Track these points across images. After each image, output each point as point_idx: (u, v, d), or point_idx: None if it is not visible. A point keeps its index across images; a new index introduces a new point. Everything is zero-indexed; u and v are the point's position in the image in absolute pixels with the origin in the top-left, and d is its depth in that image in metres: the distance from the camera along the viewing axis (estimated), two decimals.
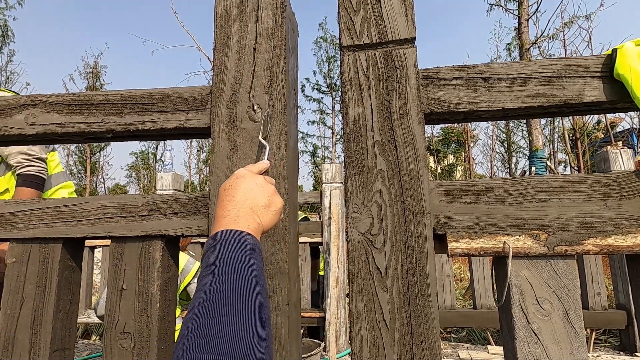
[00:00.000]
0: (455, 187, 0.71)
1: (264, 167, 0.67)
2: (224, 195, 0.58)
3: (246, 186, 0.59)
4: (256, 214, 0.57)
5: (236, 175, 0.61)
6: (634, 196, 0.66)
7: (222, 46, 0.79)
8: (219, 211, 0.56)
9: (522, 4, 7.68)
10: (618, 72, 0.68)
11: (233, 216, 0.54)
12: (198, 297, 0.43)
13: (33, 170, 1.70)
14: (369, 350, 0.65)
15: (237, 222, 0.54)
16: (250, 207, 0.56)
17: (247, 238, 0.51)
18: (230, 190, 0.58)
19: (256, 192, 0.59)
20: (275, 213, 0.60)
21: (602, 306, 3.21)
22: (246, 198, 0.57)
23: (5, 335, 0.78)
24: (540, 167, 6.83)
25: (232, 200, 0.57)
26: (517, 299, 0.66)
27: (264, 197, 0.59)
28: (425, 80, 0.74)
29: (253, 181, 0.60)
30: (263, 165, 0.67)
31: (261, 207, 0.58)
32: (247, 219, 0.55)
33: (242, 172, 0.62)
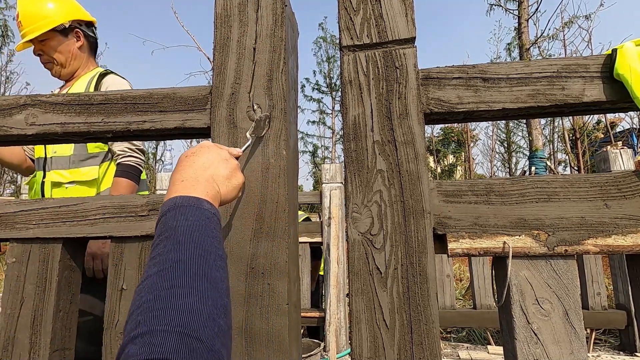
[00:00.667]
0: (455, 187, 0.71)
1: (235, 153, 0.65)
2: (184, 161, 0.56)
3: (209, 156, 0.57)
4: (216, 182, 0.55)
5: (202, 144, 0.60)
6: (634, 196, 0.66)
7: (222, 46, 0.79)
8: (176, 175, 0.54)
9: (522, 4, 7.69)
10: (618, 72, 0.68)
11: (191, 181, 0.52)
12: (153, 266, 0.41)
13: (134, 162, 1.65)
14: (369, 350, 0.65)
15: (195, 188, 0.51)
16: (210, 175, 0.55)
17: (205, 206, 0.49)
18: (192, 157, 0.56)
19: (219, 162, 0.57)
20: (235, 187, 0.58)
21: (602, 306, 3.21)
22: (207, 166, 0.55)
23: (5, 335, 0.78)
24: (540, 167, 6.83)
25: (192, 165, 0.55)
26: (517, 299, 0.66)
27: (227, 169, 0.57)
28: (425, 80, 0.74)
29: (217, 152, 0.58)
30: (234, 151, 0.66)
31: (222, 177, 0.56)
32: (205, 185, 0.52)
33: (208, 143, 0.60)
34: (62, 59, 1.74)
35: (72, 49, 1.74)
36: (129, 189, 1.60)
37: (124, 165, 1.63)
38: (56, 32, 1.70)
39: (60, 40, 1.72)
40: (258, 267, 0.70)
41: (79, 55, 1.77)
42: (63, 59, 1.74)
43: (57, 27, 1.68)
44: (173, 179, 0.53)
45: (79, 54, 1.77)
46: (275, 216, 0.71)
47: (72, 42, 1.75)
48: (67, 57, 1.74)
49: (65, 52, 1.73)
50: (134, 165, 1.64)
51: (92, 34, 1.84)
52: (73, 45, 1.75)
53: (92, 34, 1.83)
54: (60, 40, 1.72)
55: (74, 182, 1.61)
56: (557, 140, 12.97)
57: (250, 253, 0.70)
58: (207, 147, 0.59)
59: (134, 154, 1.66)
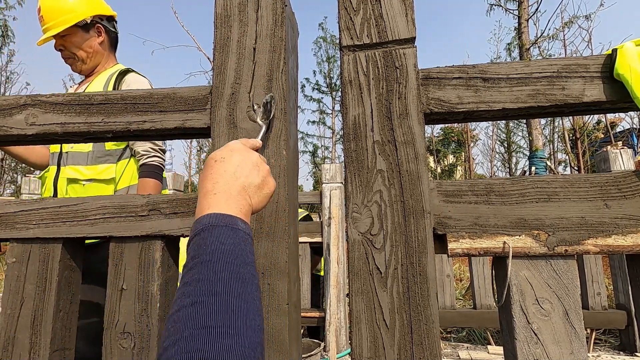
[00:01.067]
0: (455, 187, 0.71)
1: (256, 145, 0.63)
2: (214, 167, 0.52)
3: (240, 162, 0.54)
4: (248, 194, 0.52)
5: (230, 147, 0.56)
6: (634, 196, 0.66)
7: (222, 46, 0.79)
8: (207, 184, 0.51)
9: (522, 4, 7.69)
10: (618, 72, 0.68)
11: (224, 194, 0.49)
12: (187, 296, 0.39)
13: (157, 162, 1.66)
14: (369, 350, 0.65)
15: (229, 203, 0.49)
16: (242, 186, 0.52)
17: (240, 225, 0.47)
18: (223, 164, 0.53)
19: (251, 170, 0.54)
20: (267, 196, 0.56)
21: (602, 306, 3.21)
22: (239, 175, 0.52)
23: (5, 335, 0.78)
24: (540, 167, 6.83)
25: (223, 175, 0.51)
26: (517, 299, 0.66)
27: (258, 177, 0.54)
28: (425, 80, 0.74)
29: (248, 157, 0.55)
30: (256, 143, 0.63)
31: (254, 187, 0.53)
32: (238, 200, 0.50)
33: (237, 146, 0.57)
34: (83, 55, 1.71)
35: (93, 44, 1.72)
36: (156, 188, 1.61)
37: (150, 165, 1.63)
38: (78, 27, 1.68)
39: (82, 35, 1.70)
40: (258, 267, 0.70)
41: (100, 51, 1.75)
42: (84, 55, 1.72)
43: (79, 22, 1.66)
44: (204, 188, 0.51)
45: (100, 50, 1.75)
46: (275, 216, 0.71)
47: (93, 37, 1.72)
48: (88, 53, 1.72)
49: (86, 48, 1.71)
50: (158, 166, 1.65)
51: (113, 28, 1.81)
52: (94, 40, 1.72)
53: (113, 29, 1.80)
54: (82, 36, 1.70)
55: (92, 180, 1.60)
56: (557, 140, 12.97)
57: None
58: (237, 151, 0.55)
59: (157, 154, 1.66)
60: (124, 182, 1.65)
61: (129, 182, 1.66)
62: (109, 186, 1.62)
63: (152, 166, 1.63)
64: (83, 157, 1.62)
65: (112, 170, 1.62)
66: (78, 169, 1.61)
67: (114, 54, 1.84)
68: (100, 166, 1.61)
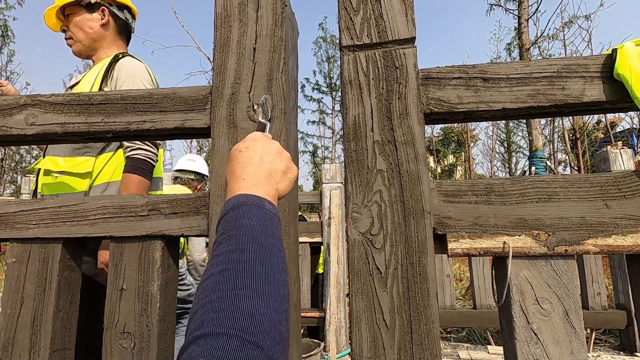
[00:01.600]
0: (455, 187, 0.71)
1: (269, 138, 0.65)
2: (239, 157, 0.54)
3: (264, 150, 0.56)
4: (274, 179, 0.54)
5: (252, 138, 0.58)
6: (634, 196, 0.66)
7: (222, 46, 0.79)
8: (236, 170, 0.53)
9: (522, 4, 7.69)
10: (618, 72, 0.68)
11: (252, 179, 0.51)
12: (216, 265, 0.41)
13: (143, 155, 1.47)
14: (369, 350, 0.65)
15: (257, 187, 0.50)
16: (269, 171, 0.53)
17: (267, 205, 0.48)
18: (247, 153, 0.55)
19: (274, 156, 0.56)
20: (291, 180, 0.57)
21: (602, 306, 3.21)
22: (265, 162, 0.54)
23: (5, 335, 0.78)
24: (540, 167, 6.83)
25: (250, 162, 0.53)
26: (517, 299, 0.66)
27: (282, 163, 0.56)
28: (425, 80, 0.74)
29: (270, 145, 0.57)
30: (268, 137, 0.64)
31: (279, 172, 0.55)
32: (265, 185, 0.51)
33: (258, 136, 0.58)
34: (81, 35, 1.63)
35: (93, 25, 1.63)
36: (139, 186, 1.44)
37: (133, 159, 1.46)
38: (82, 7, 1.61)
39: (85, 16, 1.62)
40: None
41: (101, 34, 1.65)
42: (82, 36, 1.63)
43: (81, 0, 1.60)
44: (233, 175, 0.53)
45: (101, 33, 1.65)
46: None
47: (95, 18, 1.64)
48: (87, 33, 1.63)
49: (86, 28, 1.62)
50: (144, 159, 1.47)
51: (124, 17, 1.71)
52: (96, 22, 1.63)
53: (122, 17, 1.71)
54: (85, 16, 1.62)
55: (65, 173, 1.47)
56: (557, 140, 12.98)
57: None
58: (259, 140, 0.57)
59: (144, 146, 1.49)
60: (104, 177, 1.49)
61: (110, 177, 1.50)
62: (83, 180, 1.47)
63: (135, 160, 1.46)
64: (63, 148, 1.51)
65: (89, 164, 1.48)
66: (55, 160, 1.49)
67: (122, 42, 1.73)
68: (77, 158, 1.48)
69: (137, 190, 1.44)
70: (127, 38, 1.78)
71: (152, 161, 1.51)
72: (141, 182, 1.45)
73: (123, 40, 1.74)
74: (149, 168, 1.49)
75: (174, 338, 0.81)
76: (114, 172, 1.52)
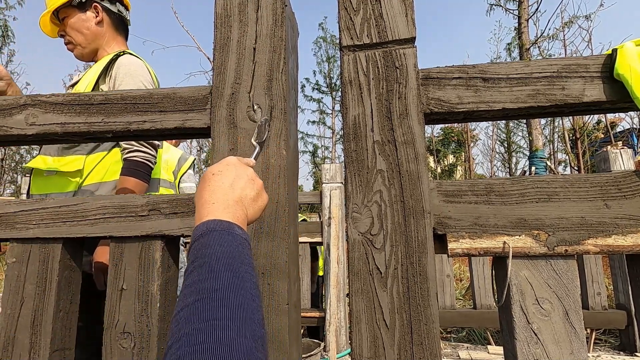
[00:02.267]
0: (455, 187, 0.71)
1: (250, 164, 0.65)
2: (211, 180, 0.55)
3: (236, 175, 0.56)
4: (244, 204, 0.54)
5: (226, 162, 0.59)
6: (634, 196, 0.66)
7: (222, 46, 0.79)
8: (205, 195, 0.53)
9: (522, 4, 7.69)
10: (618, 72, 0.68)
11: (222, 203, 0.52)
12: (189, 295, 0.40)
13: (141, 157, 1.43)
14: (369, 350, 0.65)
15: (226, 211, 0.51)
16: (239, 197, 0.54)
17: (237, 231, 0.49)
18: (220, 176, 0.55)
19: (246, 183, 0.57)
20: (260, 209, 0.58)
21: (602, 306, 3.21)
22: (236, 187, 0.55)
23: (5, 335, 0.78)
24: (540, 167, 6.83)
25: (220, 186, 0.54)
26: (517, 299, 0.66)
27: (253, 190, 0.57)
28: (425, 80, 0.74)
29: (244, 171, 0.58)
30: (250, 162, 0.65)
31: (249, 199, 0.56)
32: (235, 209, 0.52)
33: (233, 160, 0.59)
34: (80, 38, 1.59)
35: (89, 25, 1.58)
36: (136, 189, 1.41)
37: (130, 161, 1.43)
38: (74, 8, 1.57)
39: (79, 16, 1.58)
40: (258, 267, 0.70)
41: (98, 32, 1.61)
42: (80, 38, 1.59)
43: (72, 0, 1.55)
44: (202, 199, 0.53)
45: (98, 31, 1.60)
46: (275, 216, 0.71)
47: (90, 17, 1.59)
48: (84, 34, 1.59)
49: (82, 29, 1.58)
50: (142, 162, 1.44)
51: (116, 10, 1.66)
52: (91, 21, 1.59)
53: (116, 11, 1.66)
54: (79, 17, 1.58)
55: (54, 171, 1.43)
56: (557, 140, 12.98)
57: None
58: (233, 165, 0.58)
59: (142, 148, 1.45)
60: (95, 177, 1.45)
61: (102, 178, 1.46)
62: (73, 180, 1.43)
63: (133, 162, 1.42)
64: (54, 147, 1.48)
65: (79, 162, 1.44)
66: (45, 159, 1.46)
67: (121, 37, 1.69)
68: (67, 157, 1.44)
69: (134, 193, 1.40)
70: (125, 32, 1.74)
71: (150, 164, 1.48)
72: (138, 185, 1.42)
73: (121, 35, 1.71)
74: (147, 171, 1.47)
75: None
76: (107, 172, 1.49)
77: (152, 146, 1.49)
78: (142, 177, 1.44)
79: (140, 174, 1.43)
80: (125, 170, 1.42)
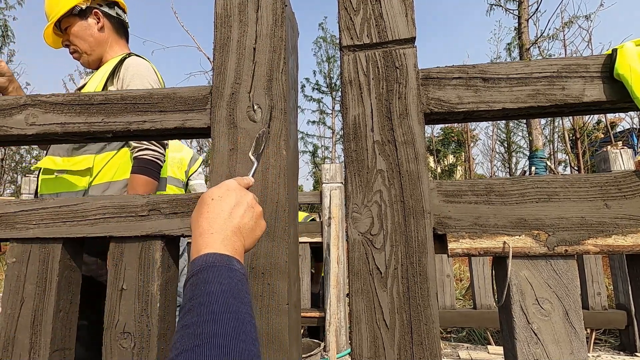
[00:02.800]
0: (455, 187, 0.71)
1: (250, 183, 0.65)
2: (211, 205, 0.54)
3: (237, 202, 0.55)
4: (242, 235, 0.53)
5: (227, 186, 0.57)
6: (634, 196, 0.66)
7: (222, 46, 0.79)
8: (204, 223, 0.52)
9: (522, 4, 7.69)
10: (618, 72, 0.68)
11: (220, 233, 0.51)
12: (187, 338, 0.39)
13: (151, 155, 1.46)
14: (369, 350, 0.65)
15: (225, 243, 0.50)
16: (238, 226, 0.53)
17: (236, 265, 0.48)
18: (220, 202, 0.54)
19: (245, 211, 0.55)
20: (257, 238, 0.58)
21: (602, 306, 3.21)
22: (235, 215, 0.54)
23: (5, 335, 0.78)
24: (540, 167, 6.83)
25: (220, 214, 0.53)
26: (517, 299, 0.66)
27: (252, 218, 0.56)
28: (425, 80, 0.74)
29: (244, 198, 0.57)
30: (250, 182, 0.65)
31: (248, 229, 0.55)
32: (234, 240, 0.51)
33: (233, 185, 0.58)
34: (84, 45, 1.61)
35: (92, 32, 1.61)
36: (146, 186, 1.43)
37: (141, 159, 1.45)
38: (75, 16, 1.59)
39: (81, 24, 1.60)
40: (258, 267, 0.70)
41: (101, 38, 1.63)
42: (86, 46, 1.61)
43: (73, 9, 1.57)
44: (200, 228, 0.52)
45: (101, 37, 1.63)
46: (275, 216, 0.71)
47: (91, 24, 1.61)
48: (89, 42, 1.61)
49: (86, 37, 1.60)
50: (152, 160, 1.46)
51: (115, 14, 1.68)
52: (93, 28, 1.61)
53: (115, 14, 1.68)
54: (81, 25, 1.60)
55: (65, 171, 1.46)
56: (557, 140, 12.98)
57: (250, 253, 0.70)
58: (233, 191, 0.57)
59: (151, 146, 1.48)
60: (105, 176, 1.48)
61: (111, 177, 1.49)
62: (83, 178, 1.46)
63: (143, 160, 1.45)
64: (63, 148, 1.51)
65: (89, 160, 1.47)
66: (54, 159, 1.49)
67: (122, 40, 1.71)
68: (77, 157, 1.48)
69: (144, 191, 1.43)
70: (125, 34, 1.76)
71: (160, 162, 1.50)
72: (149, 183, 1.44)
73: (122, 38, 1.73)
74: (157, 169, 1.49)
75: None
76: (116, 171, 1.51)
77: (161, 145, 1.51)
78: (153, 174, 1.46)
79: (151, 171, 1.45)
80: (136, 168, 1.45)
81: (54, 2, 1.61)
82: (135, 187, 1.43)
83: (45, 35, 1.67)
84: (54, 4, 1.61)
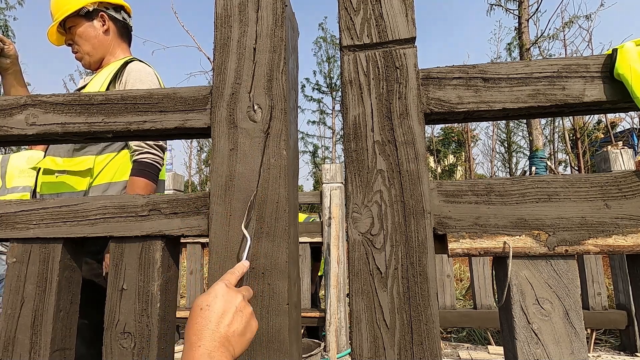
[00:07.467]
0: (456, 187, 0.71)
1: (243, 272, 0.65)
2: (199, 316, 0.55)
3: (224, 309, 0.56)
4: (231, 343, 0.55)
5: (214, 293, 0.58)
6: (635, 196, 0.66)
7: (222, 46, 0.79)
8: (192, 336, 0.54)
9: (522, 4, 7.69)
10: (618, 72, 0.68)
11: (208, 347, 0.52)
12: None
13: (151, 159, 1.49)
14: (369, 350, 0.65)
15: (212, 356, 0.51)
16: (226, 336, 0.54)
17: None
18: (207, 312, 0.55)
19: (235, 317, 0.56)
20: (248, 341, 0.58)
21: (603, 306, 3.21)
22: (223, 323, 0.55)
23: (5, 335, 0.78)
24: (540, 167, 6.83)
25: (207, 325, 0.54)
26: (518, 299, 0.66)
27: (242, 323, 0.57)
28: (426, 80, 0.74)
29: (232, 302, 0.57)
30: (242, 270, 0.65)
31: (237, 335, 0.56)
32: (222, 352, 0.52)
33: (221, 290, 0.58)
34: (87, 46, 1.62)
35: (97, 34, 1.62)
36: (145, 189, 1.46)
37: (141, 162, 1.48)
38: (81, 17, 1.60)
39: (86, 25, 1.61)
40: (258, 267, 0.70)
41: (105, 41, 1.64)
42: (89, 47, 1.62)
43: (79, 10, 1.58)
44: (189, 340, 0.53)
45: (105, 40, 1.64)
46: (276, 216, 0.71)
47: (97, 27, 1.62)
48: (92, 43, 1.62)
49: (90, 38, 1.61)
50: (151, 163, 1.49)
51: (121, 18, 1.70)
52: (98, 30, 1.62)
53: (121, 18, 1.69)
54: (86, 26, 1.61)
55: (65, 172, 1.48)
56: (558, 140, 12.98)
57: (251, 253, 0.70)
58: (221, 297, 0.57)
59: (151, 150, 1.51)
60: (105, 177, 1.50)
61: (111, 178, 1.51)
62: (84, 179, 1.48)
63: (143, 164, 1.48)
64: (63, 148, 1.53)
65: (89, 161, 1.49)
66: (54, 160, 1.51)
67: (126, 44, 1.73)
68: (78, 158, 1.50)
69: (143, 193, 1.45)
70: (129, 38, 1.77)
71: (159, 165, 1.53)
72: (148, 186, 1.47)
73: (125, 42, 1.74)
74: (156, 172, 1.52)
75: (175, 338, 0.81)
76: (116, 173, 1.53)
77: (161, 149, 1.55)
78: (151, 177, 1.49)
79: (150, 174, 1.49)
80: (135, 170, 1.48)
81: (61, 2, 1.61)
82: (134, 189, 1.46)
83: (49, 33, 1.67)
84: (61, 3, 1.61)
